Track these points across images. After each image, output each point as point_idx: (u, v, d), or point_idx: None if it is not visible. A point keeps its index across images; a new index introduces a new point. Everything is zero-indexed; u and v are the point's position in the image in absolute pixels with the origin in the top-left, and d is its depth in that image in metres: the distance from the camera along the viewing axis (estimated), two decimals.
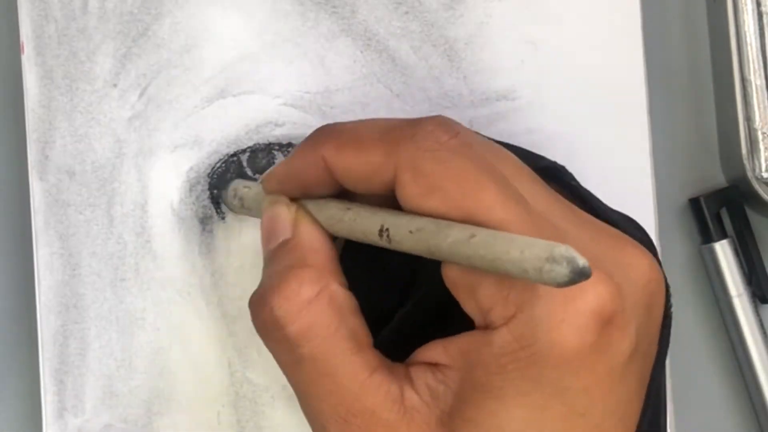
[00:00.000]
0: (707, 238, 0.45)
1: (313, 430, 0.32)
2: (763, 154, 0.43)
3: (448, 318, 0.32)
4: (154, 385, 0.41)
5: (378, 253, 0.32)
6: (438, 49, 0.42)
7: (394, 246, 0.30)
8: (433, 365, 0.30)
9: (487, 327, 0.29)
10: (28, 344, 0.44)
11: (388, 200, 0.32)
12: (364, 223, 0.32)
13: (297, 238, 0.33)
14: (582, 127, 0.42)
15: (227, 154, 0.42)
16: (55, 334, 0.41)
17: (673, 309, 0.33)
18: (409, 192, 0.30)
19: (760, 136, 0.43)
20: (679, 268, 0.46)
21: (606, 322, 0.28)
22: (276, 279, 0.32)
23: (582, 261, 0.25)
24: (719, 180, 0.46)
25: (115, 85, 0.42)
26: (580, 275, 0.25)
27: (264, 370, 0.41)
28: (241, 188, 0.38)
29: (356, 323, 0.32)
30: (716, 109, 0.46)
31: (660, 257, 0.40)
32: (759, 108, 0.43)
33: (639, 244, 0.32)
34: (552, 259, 0.25)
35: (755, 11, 0.44)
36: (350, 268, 0.33)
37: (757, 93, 0.43)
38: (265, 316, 0.31)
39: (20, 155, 0.42)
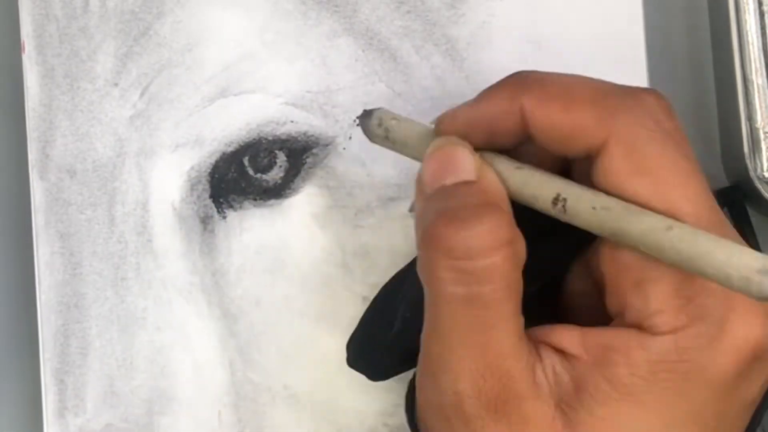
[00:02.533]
0: None
1: (426, 367, 0.30)
2: (765, 154, 0.43)
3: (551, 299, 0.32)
4: (155, 385, 0.41)
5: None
6: (440, 48, 0.42)
7: (567, 218, 0.29)
8: (562, 352, 0.30)
9: (644, 329, 0.28)
10: (28, 344, 0.43)
11: (561, 169, 0.31)
12: (537, 187, 0.30)
13: (484, 182, 0.30)
14: None
15: (229, 154, 0.42)
16: (56, 334, 0.41)
17: None
18: (617, 167, 0.28)
19: (762, 136, 0.43)
20: None
21: (757, 358, 0.28)
22: (476, 210, 0.29)
23: None
24: (721, 180, 0.46)
25: (116, 84, 0.42)
26: None
27: (265, 370, 0.41)
28: (388, 119, 0.35)
29: (522, 286, 0.30)
30: (718, 109, 0.46)
31: None
32: (761, 107, 0.43)
33: None
34: (765, 272, 0.25)
35: (757, 10, 0.44)
36: None
37: (758, 92, 0.43)
38: (457, 239, 0.29)
39: (21, 154, 0.42)
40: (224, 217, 0.42)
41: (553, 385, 0.29)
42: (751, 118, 0.43)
